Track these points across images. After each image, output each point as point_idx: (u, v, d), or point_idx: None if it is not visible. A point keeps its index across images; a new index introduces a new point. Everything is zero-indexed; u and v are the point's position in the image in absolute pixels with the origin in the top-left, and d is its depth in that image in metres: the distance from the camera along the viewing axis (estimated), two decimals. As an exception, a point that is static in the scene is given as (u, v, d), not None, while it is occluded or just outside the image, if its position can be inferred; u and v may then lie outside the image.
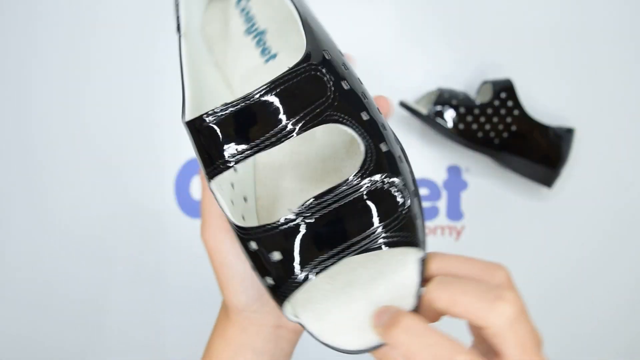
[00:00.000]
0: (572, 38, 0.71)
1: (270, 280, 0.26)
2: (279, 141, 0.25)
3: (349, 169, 0.32)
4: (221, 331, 0.33)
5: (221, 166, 0.25)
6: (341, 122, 0.26)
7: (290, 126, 0.25)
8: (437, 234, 0.71)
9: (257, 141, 0.25)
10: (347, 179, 0.25)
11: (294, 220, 0.25)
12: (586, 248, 0.72)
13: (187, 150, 0.71)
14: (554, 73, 0.72)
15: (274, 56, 0.34)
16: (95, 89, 0.71)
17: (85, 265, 0.71)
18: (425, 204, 0.72)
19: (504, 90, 0.66)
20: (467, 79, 0.71)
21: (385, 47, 0.71)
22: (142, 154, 0.71)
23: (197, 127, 0.26)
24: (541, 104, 0.71)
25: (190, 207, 0.71)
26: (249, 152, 0.25)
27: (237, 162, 0.25)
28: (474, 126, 0.66)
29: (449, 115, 0.66)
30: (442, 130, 0.66)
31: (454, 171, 0.72)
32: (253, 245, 0.26)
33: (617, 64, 0.72)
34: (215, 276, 0.31)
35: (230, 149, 0.25)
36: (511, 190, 0.72)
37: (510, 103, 0.66)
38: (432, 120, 0.66)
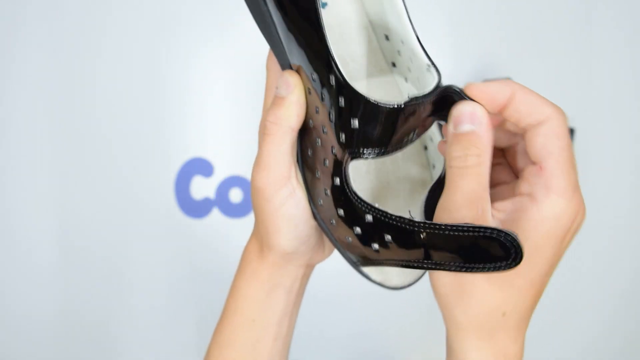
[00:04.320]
0: (572, 38, 0.71)
1: (358, 229, 0.28)
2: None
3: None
4: (253, 274, 0.33)
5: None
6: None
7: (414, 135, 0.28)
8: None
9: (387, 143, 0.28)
10: None
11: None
12: (586, 247, 0.72)
13: (187, 150, 0.71)
14: (552, 72, 0.72)
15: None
16: (95, 89, 0.71)
17: (83, 265, 0.71)
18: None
19: (504, 90, 0.66)
20: (466, 79, 0.71)
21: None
22: (142, 154, 0.71)
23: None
24: (541, 103, 0.70)
25: (190, 207, 0.71)
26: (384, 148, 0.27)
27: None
28: (474, 126, 0.66)
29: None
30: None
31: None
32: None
33: (617, 63, 0.72)
34: (263, 221, 0.31)
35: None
36: (511, 190, 0.72)
37: (510, 103, 0.66)
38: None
